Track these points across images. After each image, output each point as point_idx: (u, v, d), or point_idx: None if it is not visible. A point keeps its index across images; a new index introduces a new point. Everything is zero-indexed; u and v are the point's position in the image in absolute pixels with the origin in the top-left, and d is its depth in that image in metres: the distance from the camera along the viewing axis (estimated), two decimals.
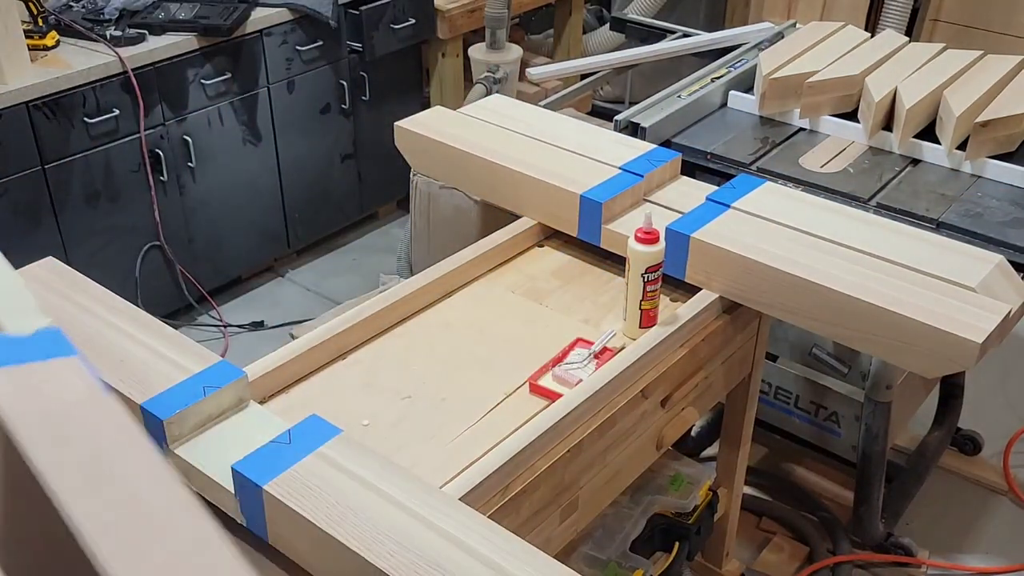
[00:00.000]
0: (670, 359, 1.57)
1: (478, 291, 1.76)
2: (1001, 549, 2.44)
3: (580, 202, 1.76)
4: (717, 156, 2.22)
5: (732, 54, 2.62)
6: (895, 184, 2.12)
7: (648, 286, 1.56)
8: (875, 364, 2.09)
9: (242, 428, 1.27)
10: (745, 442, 2.04)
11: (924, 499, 2.55)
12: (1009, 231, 1.94)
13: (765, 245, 1.61)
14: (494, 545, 1.08)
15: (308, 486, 1.15)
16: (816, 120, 2.32)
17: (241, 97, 3.10)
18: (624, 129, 2.22)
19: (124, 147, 2.82)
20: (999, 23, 3.92)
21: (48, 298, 1.50)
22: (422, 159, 2.01)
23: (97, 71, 2.68)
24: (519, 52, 3.21)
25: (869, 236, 1.64)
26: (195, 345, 1.41)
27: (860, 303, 1.48)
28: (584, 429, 1.42)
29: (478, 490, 1.26)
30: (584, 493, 1.48)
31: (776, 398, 2.34)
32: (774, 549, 2.40)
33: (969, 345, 1.40)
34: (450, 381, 1.52)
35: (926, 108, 2.20)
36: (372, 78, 3.45)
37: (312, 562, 1.15)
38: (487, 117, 2.04)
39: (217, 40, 2.93)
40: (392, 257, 3.37)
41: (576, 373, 1.51)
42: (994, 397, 2.93)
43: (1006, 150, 2.15)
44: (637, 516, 1.83)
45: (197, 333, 3.17)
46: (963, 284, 1.52)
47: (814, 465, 2.58)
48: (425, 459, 1.36)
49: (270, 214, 3.36)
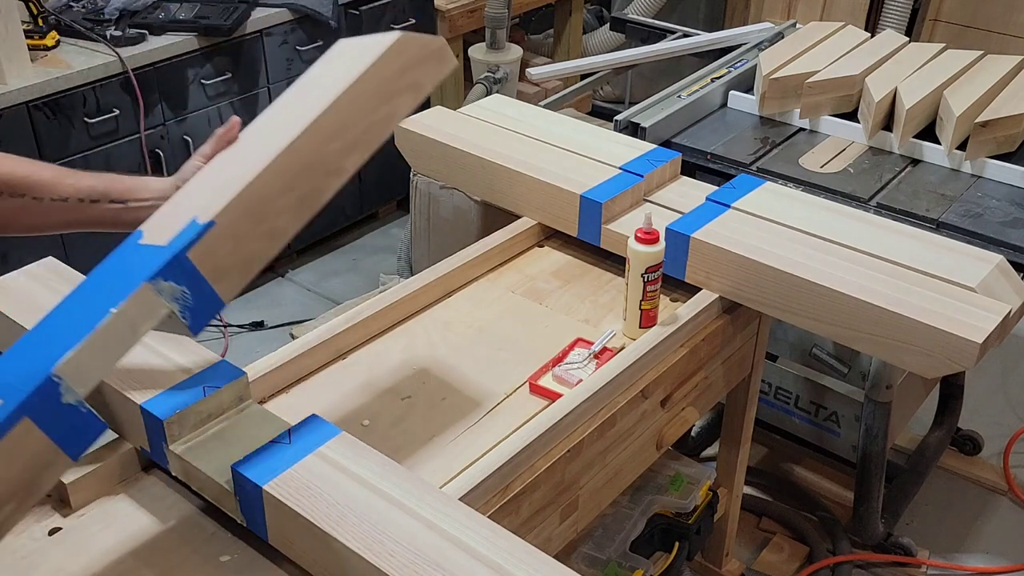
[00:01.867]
0: (670, 359, 1.57)
1: (478, 291, 1.76)
2: (1001, 549, 2.45)
3: (580, 202, 1.76)
4: (717, 156, 2.22)
5: (732, 54, 2.62)
6: (895, 184, 2.12)
7: (648, 286, 1.56)
8: (875, 364, 2.09)
9: (242, 428, 1.27)
10: (745, 442, 2.04)
11: (924, 499, 2.55)
12: (1009, 231, 1.94)
13: (765, 245, 1.61)
14: (494, 545, 1.08)
15: (308, 486, 1.15)
16: (816, 120, 2.32)
17: (241, 97, 3.10)
18: (624, 129, 2.22)
19: (124, 147, 2.82)
20: (999, 23, 3.92)
21: (48, 298, 1.49)
22: (422, 159, 2.01)
23: (97, 71, 2.68)
24: (519, 52, 3.22)
25: (869, 236, 1.64)
26: (195, 345, 1.41)
27: (860, 303, 1.48)
28: (584, 429, 1.42)
29: (478, 490, 1.26)
30: (584, 493, 1.48)
31: (776, 398, 2.34)
32: (774, 549, 2.40)
33: (969, 345, 1.40)
34: (450, 381, 1.52)
35: (926, 108, 2.20)
36: None
37: (312, 562, 1.15)
38: (487, 117, 2.04)
39: (217, 40, 2.93)
40: (392, 257, 3.37)
41: (576, 373, 1.51)
42: (994, 397, 2.93)
43: (1006, 150, 2.15)
44: (637, 516, 1.83)
45: None
46: (963, 284, 1.52)
47: (814, 465, 2.58)
48: (425, 459, 1.36)
49: None
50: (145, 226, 1.19)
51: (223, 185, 1.15)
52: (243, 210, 1.13)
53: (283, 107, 1.27)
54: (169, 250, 1.09)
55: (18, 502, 1.00)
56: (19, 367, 1.03)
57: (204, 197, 1.15)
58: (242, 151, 1.24)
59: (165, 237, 1.12)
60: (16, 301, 1.48)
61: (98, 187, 1.28)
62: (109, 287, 1.09)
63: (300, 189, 1.17)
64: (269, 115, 1.28)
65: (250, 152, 1.18)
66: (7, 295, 1.49)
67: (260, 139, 1.22)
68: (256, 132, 1.27)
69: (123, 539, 1.20)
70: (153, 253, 1.10)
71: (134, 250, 1.14)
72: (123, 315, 1.07)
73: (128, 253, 1.14)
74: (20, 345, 1.09)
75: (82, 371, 1.05)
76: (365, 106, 1.21)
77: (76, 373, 1.04)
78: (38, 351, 1.05)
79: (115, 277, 1.11)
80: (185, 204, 1.18)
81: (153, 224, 1.18)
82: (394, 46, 1.21)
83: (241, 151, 1.24)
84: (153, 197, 1.29)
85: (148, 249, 1.12)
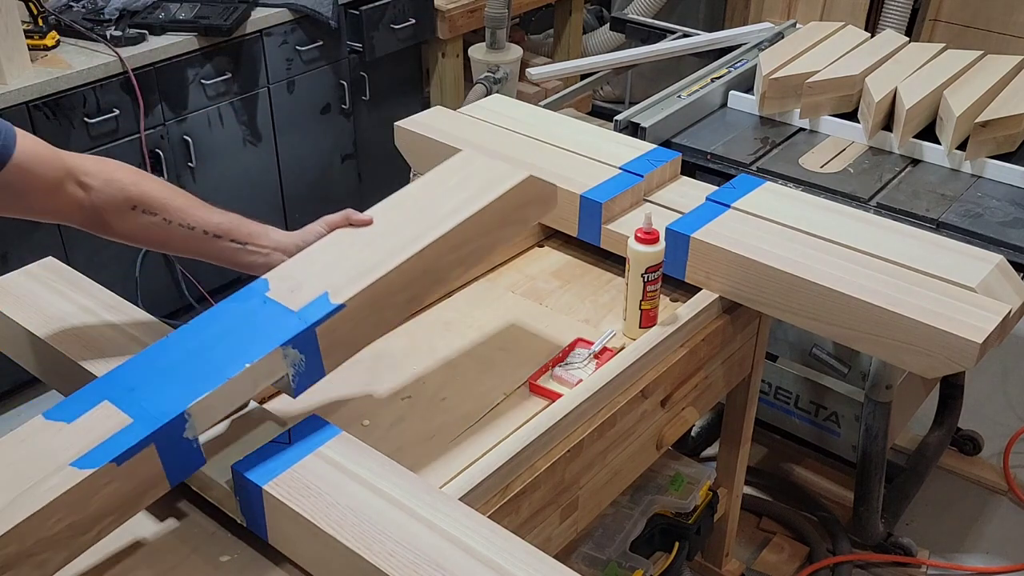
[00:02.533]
0: (670, 359, 1.57)
1: (478, 291, 1.76)
2: (1001, 549, 2.45)
3: (580, 202, 1.76)
4: (717, 156, 2.22)
5: (732, 54, 2.62)
6: (895, 184, 2.12)
7: (648, 286, 1.56)
8: (875, 364, 2.08)
9: (242, 428, 1.27)
10: (745, 442, 2.04)
11: (924, 499, 2.55)
12: (1009, 231, 1.94)
13: (765, 245, 1.61)
14: (494, 545, 1.08)
15: (308, 486, 1.15)
16: (816, 120, 2.32)
17: (241, 97, 3.10)
18: (624, 129, 2.22)
19: (124, 147, 2.82)
20: (999, 23, 3.92)
21: (48, 298, 1.50)
22: (422, 159, 2.01)
23: (97, 71, 2.68)
24: (519, 52, 3.22)
25: (869, 236, 1.64)
26: None
27: (860, 303, 1.48)
28: (584, 429, 1.42)
29: (478, 490, 1.26)
30: (584, 493, 1.48)
31: (776, 398, 2.34)
32: (774, 549, 2.40)
33: (969, 345, 1.40)
34: (450, 381, 1.52)
35: (926, 108, 2.20)
36: (372, 78, 3.45)
37: (312, 562, 1.15)
38: (487, 117, 2.04)
39: (217, 40, 2.93)
40: None
41: (576, 373, 1.51)
42: (994, 397, 2.93)
43: (1006, 150, 2.15)
44: (637, 516, 1.83)
45: None
46: (963, 284, 1.52)
47: (814, 465, 2.58)
48: (425, 459, 1.36)
49: (270, 214, 3.36)
50: (271, 278, 1.30)
51: (356, 270, 1.28)
52: (369, 298, 1.27)
53: (413, 203, 1.41)
54: (302, 320, 1.21)
55: (118, 516, 1.08)
56: (156, 396, 1.12)
57: (337, 276, 1.28)
58: (372, 239, 1.35)
59: (295, 302, 1.24)
60: (16, 301, 1.48)
61: (224, 225, 1.38)
62: (242, 337, 1.21)
63: (413, 290, 1.32)
64: (398, 205, 1.41)
65: (383, 245, 1.32)
66: (7, 295, 1.50)
67: (392, 234, 1.34)
68: (387, 222, 1.38)
69: (123, 538, 1.20)
70: (284, 316, 1.23)
71: (262, 303, 1.25)
72: (253, 371, 1.17)
73: (257, 305, 1.25)
74: (158, 367, 1.17)
75: (207, 413, 1.14)
76: (482, 230, 1.37)
77: (201, 413, 1.14)
78: (174, 385, 1.14)
79: (247, 328, 1.22)
80: (313, 272, 1.30)
81: (278, 279, 1.30)
82: (521, 184, 1.41)
83: (371, 239, 1.35)
84: (271, 247, 1.39)
85: (277, 308, 1.24)
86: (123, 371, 1.18)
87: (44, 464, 1.05)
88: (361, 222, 1.40)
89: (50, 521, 1.02)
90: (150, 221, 1.34)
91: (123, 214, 1.32)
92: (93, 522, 1.06)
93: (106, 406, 1.11)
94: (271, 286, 1.29)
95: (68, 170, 1.31)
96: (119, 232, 1.35)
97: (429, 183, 1.45)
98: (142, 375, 1.17)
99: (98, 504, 1.05)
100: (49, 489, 1.02)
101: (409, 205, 1.41)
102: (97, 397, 1.13)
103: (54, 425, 1.10)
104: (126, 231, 1.35)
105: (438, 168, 1.49)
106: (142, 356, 1.20)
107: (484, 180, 1.41)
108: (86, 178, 1.31)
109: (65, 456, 1.06)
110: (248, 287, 1.29)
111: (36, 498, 1.01)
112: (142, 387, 1.14)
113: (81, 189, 1.31)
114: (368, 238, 1.36)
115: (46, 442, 1.08)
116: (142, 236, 1.36)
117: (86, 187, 1.31)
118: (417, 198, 1.42)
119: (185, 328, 1.24)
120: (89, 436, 1.08)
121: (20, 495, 1.02)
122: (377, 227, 1.37)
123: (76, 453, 1.06)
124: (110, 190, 1.32)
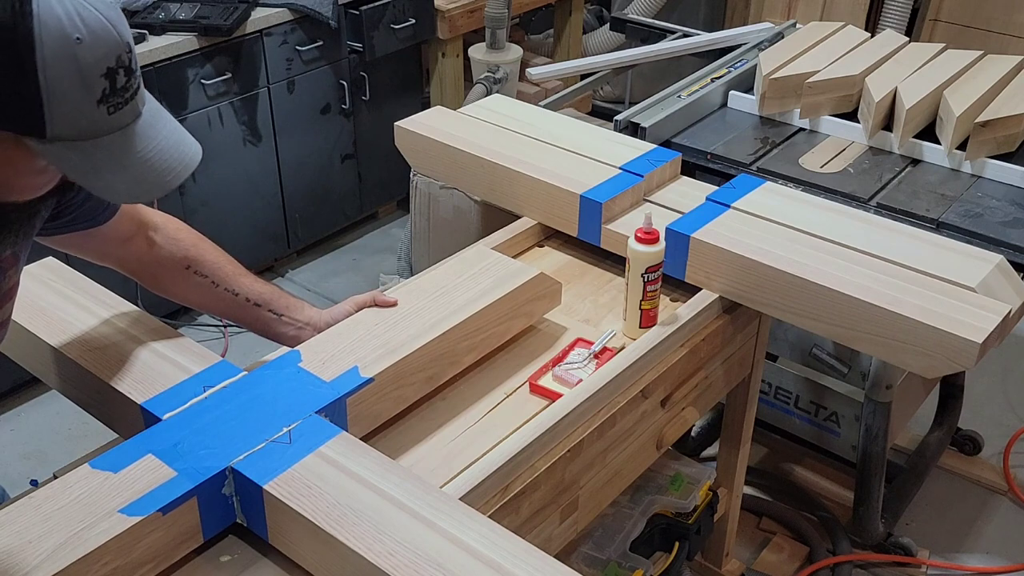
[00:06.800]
0: (670, 359, 1.57)
1: None
2: (1001, 549, 2.45)
3: (580, 202, 1.76)
4: (717, 156, 2.22)
5: (732, 54, 2.62)
6: (895, 184, 2.12)
7: (648, 286, 1.56)
8: (875, 364, 2.09)
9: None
10: (745, 442, 2.04)
11: (924, 499, 2.55)
12: (1009, 231, 1.94)
13: (765, 245, 1.61)
14: (494, 545, 1.08)
15: (308, 486, 1.15)
16: (816, 120, 2.32)
17: (241, 97, 3.10)
18: (624, 129, 2.22)
19: None
20: (999, 23, 3.92)
21: (48, 298, 1.50)
22: (422, 159, 2.01)
23: None
24: (519, 52, 3.22)
25: (869, 236, 1.64)
26: (195, 345, 1.41)
27: (860, 303, 1.48)
28: (584, 429, 1.42)
29: (478, 490, 1.26)
30: (584, 493, 1.48)
31: (776, 398, 2.34)
32: (774, 549, 2.40)
33: (969, 345, 1.40)
34: (450, 381, 1.52)
35: (926, 108, 2.20)
36: (372, 78, 3.45)
37: (312, 562, 1.15)
38: (487, 117, 2.04)
39: (217, 40, 2.93)
40: (392, 257, 3.37)
41: (576, 373, 1.51)
42: (994, 397, 2.93)
43: (1006, 150, 2.15)
44: (637, 516, 1.83)
45: (197, 333, 3.17)
46: (963, 284, 1.52)
47: (814, 465, 2.58)
48: (425, 459, 1.36)
49: (270, 214, 3.36)
50: (303, 350, 1.38)
51: (383, 348, 1.38)
52: (394, 375, 1.36)
53: (434, 290, 1.52)
54: (334, 390, 1.30)
55: (155, 565, 1.12)
56: (199, 453, 1.18)
57: (366, 351, 1.37)
58: (397, 321, 1.45)
59: (327, 373, 1.33)
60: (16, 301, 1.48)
61: (264, 295, 1.46)
62: (278, 402, 1.28)
63: (431, 370, 1.42)
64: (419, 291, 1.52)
65: (406, 328, 1.43)
66: None
67: (415, 318, 1.45)
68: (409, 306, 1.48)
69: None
70: (317, 385, 1.31)
71: (296, 373, 1.33)
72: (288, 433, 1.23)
73: (291, 373, 1.33)
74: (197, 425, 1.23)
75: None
76: (494, 319, 1.50)
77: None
78: (216, 443, 1.20)
79: (283, 394, 1.30)
80: (343, 347, 1.38)
81: (311, 352, 1.38)
82: (532, 280, 1.55)
83: (395, 321, 1.45)
84: (303, 321, 1.47)
85: (310, 378, 1.32)
86: (165, 428, 1.23)
87: (93, 509, 1.10)
88: (386, 303, 1.48)
89: (98, 563, 1.06)
90: (199, 282, 1.41)
91: (177, 272, 1.40)
92: (133, 569, 1.10)
93: (150, 459, 1.17)
94: (303, 357, 1.36)
95: (141, 223, 1.36)
96: (168, 287, 1.41)
97: (448, 273, 1.56)
98: (184, 433, 1.22)
99: (141, 551, 1.09)
100: (100, 533, 1.06)
101: (430, 292, 1.51)
102: (142, 450, 1.18)
103: (100, 474, 1.14)
104: (176, 288, 1.41)
105: (455, 258, 1.65)
106: (183, 415, 1.25)
107: (499, 276, 1.54)
108: (153, 234, 1.37)
109: (113, 504, 1.10)
110: (281, 357, 1.37)
111: (88, 541, 1.06)
112: (184, 443, 1.20)
113: (147, 244, 1.36)
114: (393, 320, 1.45)
115: (94, 490, 1.12)
116: (190, 295, 1.43)
117: (151, 242, 1.37)
118: (437, 286, 1.53)
119: (224, 391, 1.30)
120: (136, 486, 1.13)
121: (72, 536, 1.06)
122: (401, 309, 1.47)
123: (123, 501, 1.10)
124: (172, 248, 1.39)
